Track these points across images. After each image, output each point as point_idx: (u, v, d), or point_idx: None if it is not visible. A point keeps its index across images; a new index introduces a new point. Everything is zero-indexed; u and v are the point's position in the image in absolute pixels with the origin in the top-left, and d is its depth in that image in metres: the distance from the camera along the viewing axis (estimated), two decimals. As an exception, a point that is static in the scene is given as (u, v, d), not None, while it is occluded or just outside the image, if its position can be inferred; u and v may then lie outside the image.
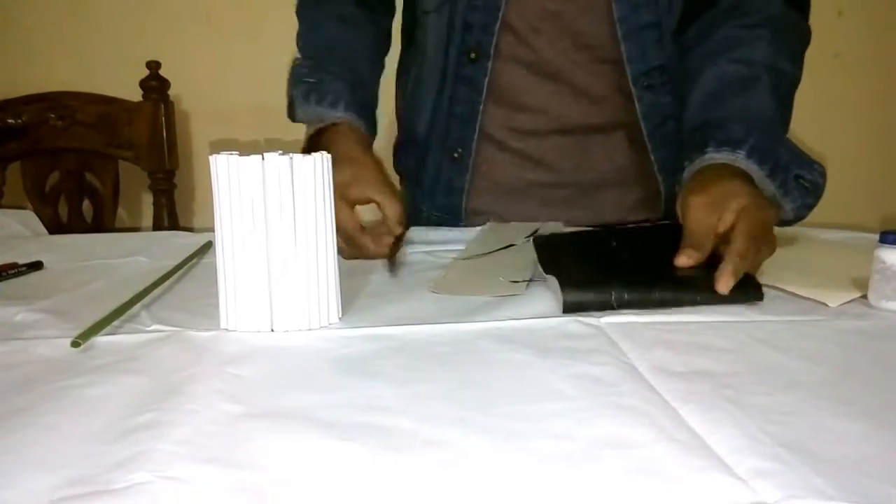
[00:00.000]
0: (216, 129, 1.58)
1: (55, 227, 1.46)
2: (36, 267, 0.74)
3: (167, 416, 0.39)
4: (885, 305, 0.56)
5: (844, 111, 1.60)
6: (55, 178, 1.49)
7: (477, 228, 0.88)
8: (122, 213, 1.55)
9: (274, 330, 0.53)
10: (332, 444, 0.36)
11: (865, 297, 0.58)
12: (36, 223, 1.19)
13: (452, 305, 0.59)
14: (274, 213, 0.52)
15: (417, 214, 1.00)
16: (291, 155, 0.52)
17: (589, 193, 0.93)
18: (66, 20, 1.55)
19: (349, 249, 0.74)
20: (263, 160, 0.52)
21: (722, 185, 0.65)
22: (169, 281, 0.66)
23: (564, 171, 0.92)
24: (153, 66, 1.44)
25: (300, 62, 0.89)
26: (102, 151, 1.46)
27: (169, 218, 1.47)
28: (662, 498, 0.31)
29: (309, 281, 0.54)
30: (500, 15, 0.86)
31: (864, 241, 0.77)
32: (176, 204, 1.49)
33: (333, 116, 0.83)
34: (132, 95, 1.45)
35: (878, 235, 0.57)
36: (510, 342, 0.50)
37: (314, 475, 0.33)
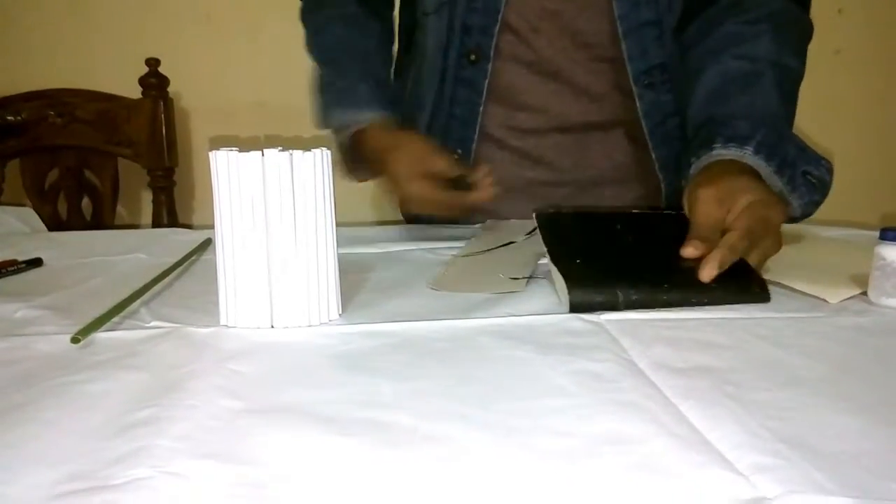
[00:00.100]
0: (216, 126, 1.58)
1: (54, 224, 1.46)
2: (35, 264, 0.74)
3: (167, 411, 0.39)
4: (884, 302, 0.56)
5: (845, 108, 1.60)
6: (54, 175, 1.49)
7: (477, 226, 0.88)
8: (121, 210, 1.55)
9: (274, 326, 0.53)
10: (331, 439, 0.36)
11: (865, 293, 0.58)
12: (35, 220, 1.19)
13: (452, 302, 0.59)
14: (274, 209, 0.52)
15: (419, 217, 1.00)
16: (291, 151, 0.52)
17: (588, 191, 0.93)
18: (65, 18, 1.55)
19: (458, 212, 0.80)
20: (263, 156, 0.52)
21: (731, 180, 0.64)
22: (168, 278, 0.66)
23: (564, 169, 0.93)
24: (152, 63, 1.44)
25: (321, 69, 0.90)
26: (102, 149, 1.46)
27: (168, 215, 1.47)
28: (663, 494, 0.31)
29: (309, 277, 0.54)
30: (499, 17, 0.86)
31: (864, 238, 0.77)
32: (175, 201, 1.49)
33: (366, 118, 0.85)
34: (132, 93, 1.45)
35: (878, 232, 0.57)
36: (510, 339, 0.50)
37: (314, 471, 0.33)
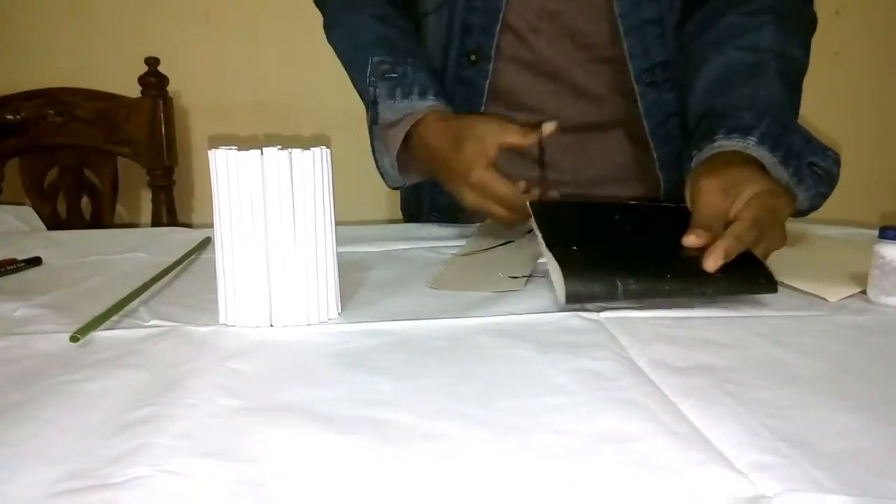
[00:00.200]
0: (215, 125, 1.58)
1: (54, 223, 1.45)
2: (35, 263, 0.74)
3: (166, 410, 0.39)
4: (884, 301, 0.56)
5: (843, 109, 1.60)
6: (54, 174, 1.49)
7: (476, 225, 0.88)
8: (120, 209, 1.55)
9: (273, 325, 0.53)
10: (331, 438, 0.36)
11: (865, 292, 0.58)
12: (34, 219, 1.18)
13: (451, 301, 0.59)
14: (273, 208, 0.52)
15: (418, 214, 1.00)
16: (290, 150, 0.52)
17: (588, 191, 0.93)
18: (65, 17, 1.55)
19: (517, 215, 0.74)
20: (262, 155, 0.52)
21: (735, 170, 0.62)
22: (168, 277, 0.66)
23: (563, 168, 0.92)
24: (152, 62, 1.44)
25: (377, 60, 0.85)
26: (101, 148, 1.45)
27: (168, 214, 1.47)
28: (662, 492, 0.31)
29: (308, 276, 0.54)
30: (500, 17, 0.86)
31: (863, 236, 0.77)
32: (175, 200, 1.49)
33: (424, 106, 0.81)
34: (131, 92, 1.45)
35: (877, 231, 0.57)
36: (509, 337, 0.50)
37: (313, 469, 0.33)
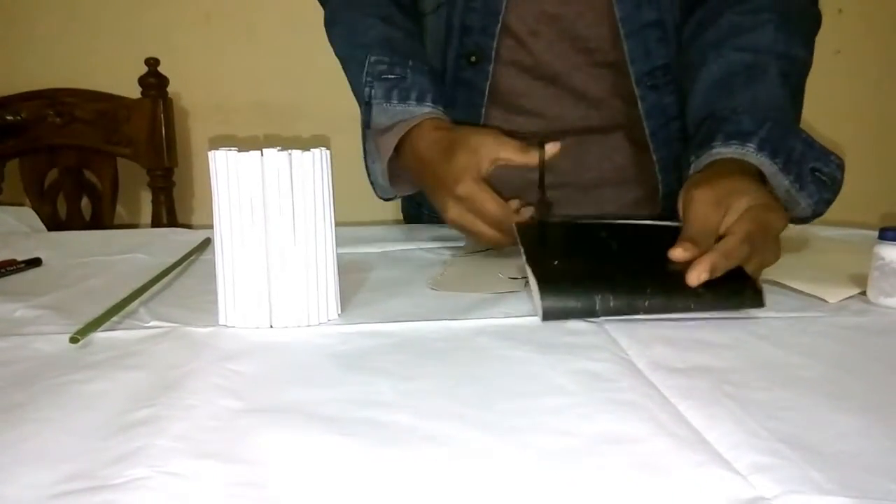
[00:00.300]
0: (215, 126, 1.58)
1: (54, 224, 1.46)
2: (34, 263, 0.74)
3: (166, 411, 0.39)
4: (883, 302, 0.56)
5: (844, 108, 1.60)
6: (54, 175, 1.49)
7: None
8: (120, 210, 1.55)
9: (273, 326, 0.53)
10: (331, 439, 0.36)
11: (864, 293, 0.58)
12: (34, 220, 1.19)
13: (451, 302, 0.59)
14: (273, 209, 0.52)
15: (419, 217, 1.00)
16: (290, 151, 0.52)
17: (587, 193, 0.93)
18: (64, 18, 1.55)
19: (505, 237, 0.70)
20: (262, 156, 0.52)
21: (729, 181, 0.60)
22: (167, 278, 0.66)
23: (563, 171, 0.92)
24: (152, 63, 1.44)
25: (374, 59, 0.81)
26: (101, 148, 1.46)
27: (167, 215, 1.47)
28: (661, 493, 0.31)
29: (308, 277, 0.54)
30: (499, 18, 0.85)
31: (863, 237, 0.77)
32: (175, 201, 1.49)
33: (420, 112, 0.77)
34: (131, 92, 1.45)
35: (877, 232, 0.57)
36: (509, 338, 0.50)
37: (313, 470, 0.33)
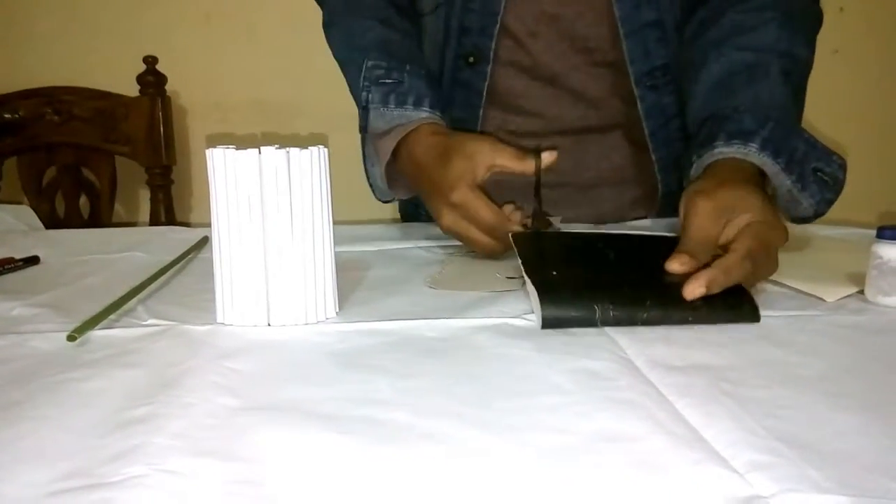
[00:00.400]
0: (213, 124, 1.58)
1: (52, 222, 1.46)
2: (32, 262, 0.74)
3: (163, 409, 0.39)
4: (881, 300, 0.56)
5: (843, 107, 1.60)
6: (52, 173, 1.49)
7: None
8: (118, 208, 1.55)
9: (270, 324, 0.53)
10: (328, 437, 0.36)
11: (862, 292, 0.58)
12: (32, 218, 1.19)
13: (449, 301, 0.59)
14: (271, 207, 0.52)
15: (417, 215, 1.00)
16: (288, 149, 0.52)
17: (586, 192, 0.93)
18: (63, 15, 1.55)
19: (499, 244, 0.69)
20: (260, 154, 0.52)
21: (733, 192, 0.59)
22: (165, 276, 0.66)
23: (561, 170, 0.92)
24: (150, 61, 1.44)
25: (372, 63, 0.80)
26: (99, 147, 1.46)
27: (166, 213, 1.47)
28: (658, 491, 0.31)
29: (306, 275, 0.53)
30: (498, 19, 0.85)
31: (861, 236, 0.77)
32: (173, 199, 1.49)
33: (417, 117, 0.76)
34: (129, 90, 1.45)
35: (875, 231, 0.57)
36: (507, 337, 0.50)
37: (311, 468, 0.33)
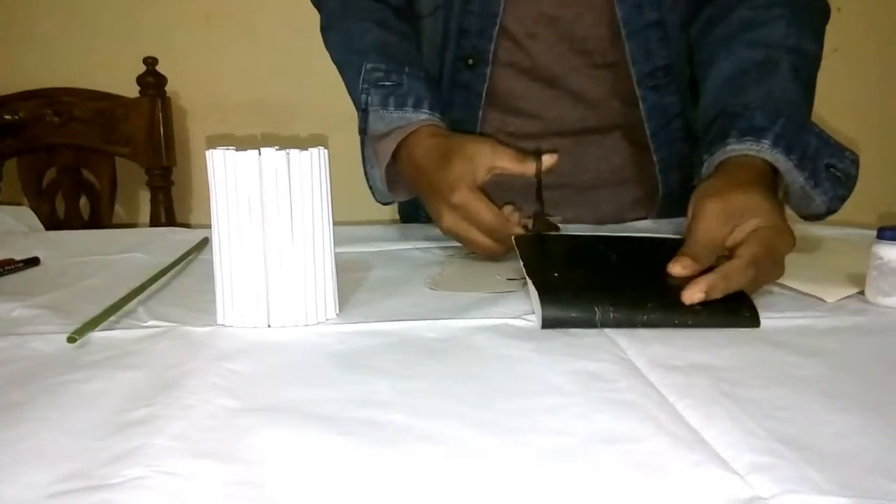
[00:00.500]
0: (213, 125, 1.58)
1: (52, 223, 1.46)
2: (33, 263, 0.74)
3: (163, 410, 0.39)
4: (882, 301, 0.56)
5: (842, 107, 1.60)
6: (52, 174, 1.49)
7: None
8: (118, 209, 1.55)
9: (270, 325, 0.53)
10: (328, 438, 0.36)
11: (863, 292, 0.58)
12: (32, 219, 1.19)
13: (449, 302, 0.59)
14: (271, 208, 0.52)
15: (416, 216, 0.99)
16: (288, 150, 0.52)
17: (586, 193, 0.93)
18: (63, 16, 1.55)
19: (500, 246, 0.68)
20: (260, 155, 0.52)
21: (743, 196, 0.58)
22: (165, 277, 0.66)
23: (561, 171, 0.92)
24: (150, 62, 1.44)
25: (370, 66, 0.79)
26: (99, 148, 1.46)
27: (166, 214, 1.47)
28: (658, 493, 0.31)
29: (306, 276, 0.53)
30: (497, 20, 0.85)
31: (861, 237, 0.77)
32: (173, 200, 1.49)
33: (417, 119, 0.75)
34: (129, 91, 1.45)
35: (875, 231, 0.57)
36: (507, 338, 0.50)
37: (310, 469, 0.33)
